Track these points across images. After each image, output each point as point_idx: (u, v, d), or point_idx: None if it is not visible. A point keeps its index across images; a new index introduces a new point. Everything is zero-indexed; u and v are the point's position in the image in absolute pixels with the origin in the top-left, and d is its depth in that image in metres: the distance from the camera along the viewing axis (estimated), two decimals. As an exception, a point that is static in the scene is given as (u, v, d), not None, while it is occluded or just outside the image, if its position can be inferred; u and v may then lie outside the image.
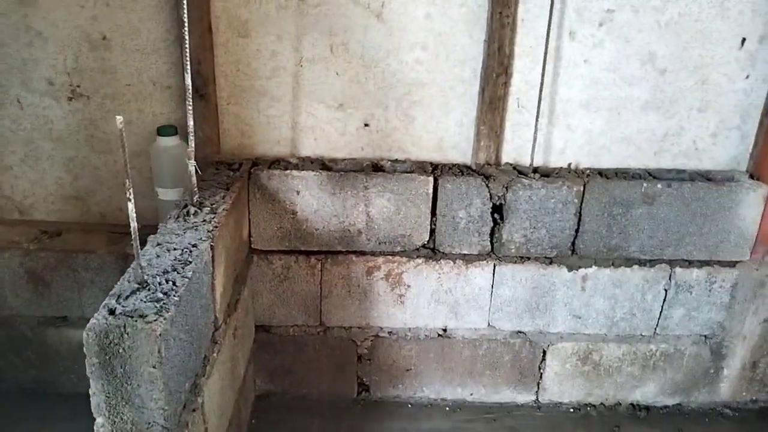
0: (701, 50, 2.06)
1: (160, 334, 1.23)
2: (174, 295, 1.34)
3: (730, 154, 2.20)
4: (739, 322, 2.27)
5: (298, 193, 2.07)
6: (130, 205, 1.25)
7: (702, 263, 2.21)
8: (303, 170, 2.07)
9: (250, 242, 2.14)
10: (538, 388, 2.41)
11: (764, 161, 2.11)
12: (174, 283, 1.39)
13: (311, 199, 2.09)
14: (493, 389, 2.41)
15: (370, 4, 2.00)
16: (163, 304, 1.30)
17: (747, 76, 2.10)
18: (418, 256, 2.20)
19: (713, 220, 2.12)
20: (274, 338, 2.31)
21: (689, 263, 2.20)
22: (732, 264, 2.21)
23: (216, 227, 1.66)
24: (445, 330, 2.32)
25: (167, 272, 1.43)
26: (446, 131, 2.17)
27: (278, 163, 2.13)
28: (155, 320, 1.24)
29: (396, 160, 2.20)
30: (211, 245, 1.60)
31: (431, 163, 2.19)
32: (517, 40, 2.03)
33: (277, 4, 1.99)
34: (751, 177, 2.16)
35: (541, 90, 2.08)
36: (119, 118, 1.16)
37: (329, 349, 2.34)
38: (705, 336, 2.33)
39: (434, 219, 2.13)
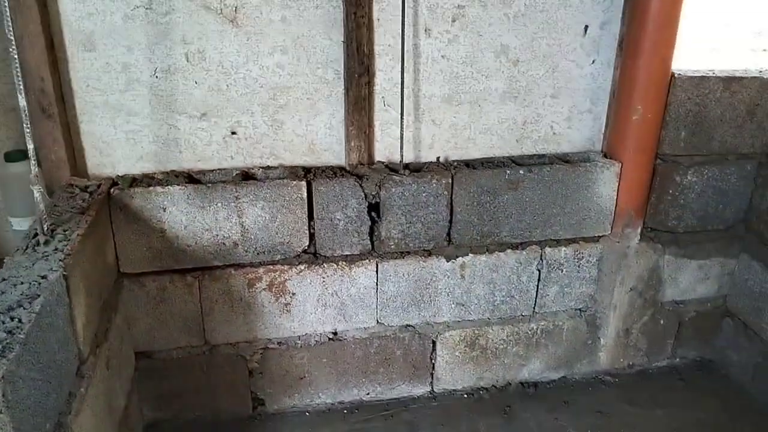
0: (549, 39, 2.17)
1: (2, 377, 1.13)
2: (20, 334, 1.24)
3: (585, 136, 2.33)
4: (609, 293, 2.41)
5: (164, 210, 1.99)
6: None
7: (569, 241, 2.33)
8: (167, 185, 1.99)
9: (118, 266, 2.03)
10: (432, 378, 2.45)
11: (615, 140, 2.25)
12: (20, 320, 1.28)
13: (180, 215, 2.01)
14: (388, 386, 2.43)
15: (223, 9, 1.95)
16: (7, 344, 1.20)
17: (593, 61, 2.23)
18: (299, 262, 2.17)
19: (574, 199, 2.24)
20: (157, 363, 2.21)
21: (557, 242, 2.32)
22: (596, 239, 2.35)
23: (69, 255, 1.55)
24: (335, 333, 2.31)
25: (12, 309, 1.32)
26: (316, 134, 2.16)
27: (140, 180, 2.03)
28: (-4, 363, 1.14)
29: (268, 166, 2.16)
30: (64, 275, 1.49)
31: (304, 168, 2.17)
32: (375, 40, 2.05)
33: (124, 14, 1.89)
34: (605, 156, 2.30)
35: (403, 87, 2.11)
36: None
37: (218, 367, 2.26)
38: (579, 309, 2.47)
39: (312, 223, 2.12)
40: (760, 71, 2.24)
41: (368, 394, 2.43)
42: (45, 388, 1.35)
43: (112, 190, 1.96)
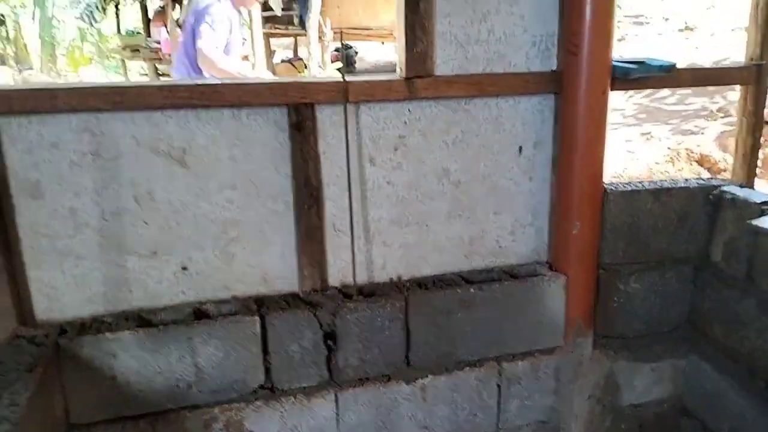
0: (486, 161, 2.28)
1: None
2: None
3: (530, 248, 2.42)
4: (569, 402, 2.42)
5: (115, 356, 1.93)
6: None
7: (525, 354, 2.36)
8: (117, 331, 1.94)
9: (68, 418, 1.94)
10: (400, 506, 2.37)
11: (559, 252, 2.35)
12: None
13: (131, 360, 1.95)
14: None
15: (171, 152, 1.99)
16: None
17: (530, 179, 2.35)
18: (256, 398, 2.12)
19: (526, 313, 2.29)
20: None
21: (513, 356, 2.34)
22: (551, 350, 2.39)
23: (17, 424, 1.48)
24: (297, 468, 2.23)
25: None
26: (269, 264, 2.17)
27: (90, 326, 1.98)
28: None
29: (221, 300, 2.15)
30: (9, 447, 1.42)
31: (258, 299, 2.16)
32: (323, 171, 2.12)
33: (70, 161, 1.91)
34: (551, 267, 2.38)
35: (352, 213, 2.17)
36: None
37: None
38: (543, 422, 2.46)
39: (267, 357, 2.09)
40: (686, 181, 2.41)
41: None
42: None
43: (59, 339, 1.90)
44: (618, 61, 2.21)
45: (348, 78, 2.04)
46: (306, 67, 10.26)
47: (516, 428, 2.43)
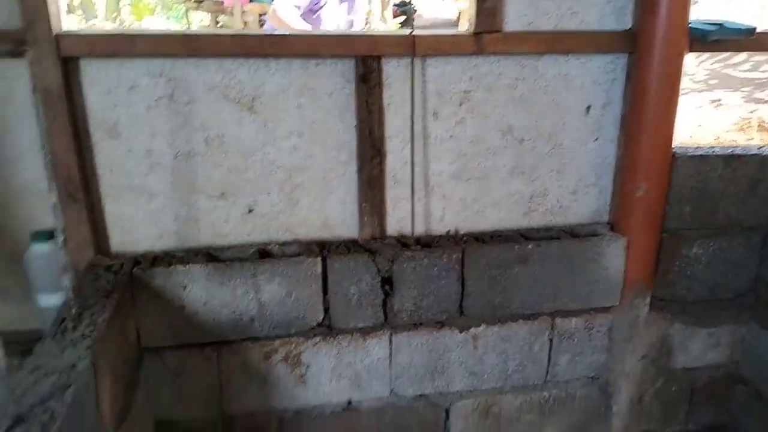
0: (553, 119, 2.25)
1: (34, 476, 1.19)
2: (53, 428, 1.31)
3: (592, 209, 2.39)
4: (620, 361, 2.43)
5: (184, 288, 2.06)
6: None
7: (579, 312, 2.37)
8: (188, 264, 2.07)
9: (140, 342, 2.10)
10: (446, 447, 2.47)
11: (621, 214, 2.31)
12: (53, 413, 1.35)
13: (199, 292, 2.08)
14: (402, 455, 2.45)
15: (241, 99, 2.05)
16: (39, 440, 1.26)
17: (596, 139, 2.31)
18: (314, 335, 2.23)
19: (583, 272, 2.29)
20: (176, 435, 2.26)
21: (567, 313, 2.36)
22: (606, 309, 2.39)
23: (96, 341, 1.62)
24: (350, 403, 2.35)
25: (44, 401, 1.38)
26: (331, 210, 2.24)
27: (162, 259, 2.11)
28: (29, 463, 1.20)
29: (284, 242, 2.24)
30: (92, 362, 1.56)
31: (319, 243, 2.24)
32: (386, 123, 2.15)
33: (147, 104, 2.01)
34: (612, 228, 2.36)
35: (413, 166, 2.19)
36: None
37: (234, 437, 2.30)
38: (592, 377, 2.49)
39: (327, 297, 2.18)
40: (759, 149, 2.30)
41: (382, 463, 2.45)
42: (71, 479, 1.40)
43: (134, 270, 2.04)
44: (695, 23, 2.11)
45: (415, 32, 2.03)
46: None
47: (564, 382, 2.47)
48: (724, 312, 2.47)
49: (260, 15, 7.70)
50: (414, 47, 2.03)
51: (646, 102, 2.10)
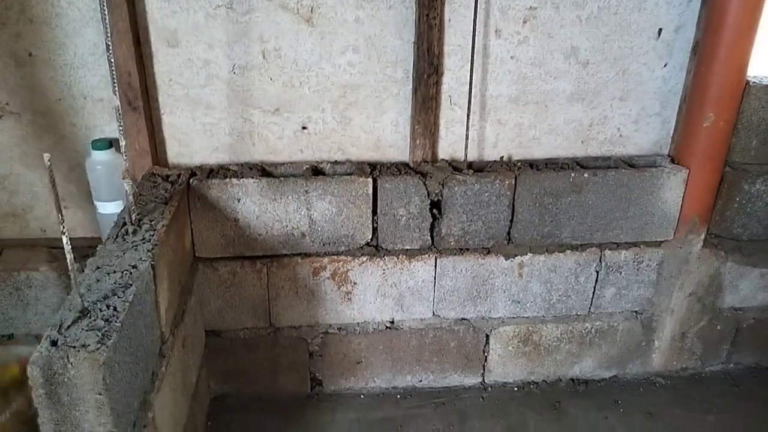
0: (621, 42, 2.15)
1: (103, 363, 1.26)
2: (116, 322, 1.36)
3: (653, 139, 2.32)
4: (667, 297, 2.41)
5: (238, 200, 2.10)
6: (65, 239, 1.26)
7: (629, 245, 2.33)
8: (242, 178, 2.09)
9: (194, 251, 2.16)
10: (484, 370, 2.52)
11: (684, 145, 2.23)
12: (115, 309, 1.41)
13: (252, 206, 2.11)
14: (440, 375, 2.51)
15: (300, 9, 2.01)
16: (105, 331, 1.32)
17: (665, 65, 2.21)
18: (362, 254, 2.25)
19: (638, 204, 2.24)
20: (225, 342, 2.35)
21: (617, 245, 2.33)
22: (657, 244, 2.35)
23: (156, 245, 1.67)
24: (392, 322, 2.40)
25: (107, 297, 1.44)
26: (383, 131, 2.22)
27: (217, 172, 2.14)
28: (97, 349, 1.26)
29: (336, 161, 2.24)
30: (152, 264, 1.61)
31: (370, 164, 2.23)
32: (445, 40, 2.08)
33: (206, 13, 1.98)
34: (672, 161, 2.28)
35: (470, 87, 2.14)
36: (46, 156, 1.16)
37: (280, 348, 2.39)
38: (636, 312, 2.48)
39: (376, 218, 2.19)
40: (841, 82, 2.17)
41: (421, 381, 2.52)
42: (134, 370, 1.48)
43: (191, 180, 2.07)
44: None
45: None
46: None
47: (607, 314, 2.47)
48: (780, 253, 2.41)
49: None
50: (482, -42, 1.94)
51: (723, 25, 1.99)
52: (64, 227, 1.24)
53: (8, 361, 2.21)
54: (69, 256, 1.30)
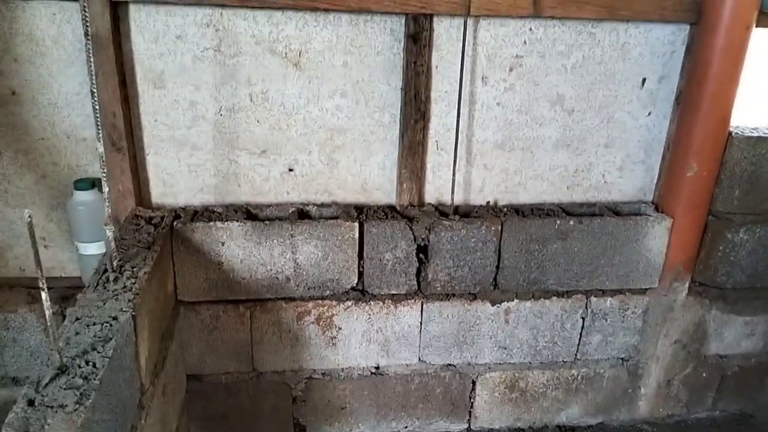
0: (605, 90, 2.18)
1: (81, 425, 1.21)
2: (94, 380, 1.31)
3: (637, 186, 2.34)
4: (652, 344, 2.41)
5: (223, 244, 2.06)
6: (44, 295, 1.23)
7: (615, 292, 2.33)
8: (227, 221, 2.06)
9: (176, 294, 2.11)
10: (470, 416, 2.48)
11: (668, 193, 2.25)
12: (94, 365, 1.36)
13: (237, 250, 2.08)
14: (426, 420, 2.47)
15: (288, 53, 2.01)
16: (84, 390, 1.27)
17: (649, 114, 2.24)
18: (347, 299, 2.22)
19: (623, 251, 2.24)
20: (207, 387, 2.29)
21: (603, 292, 2.33)
22: (642, 291, 2.35)
23: (137, 294, 1.63)
24: (377, 367, 2.36)
25: (87, 352, 1.39)
26: (369, 174, 2.21)
27: (202, 214, 2.11)
28: (75, 410, 1.22)
29: (322, 203, 2.22)
30: (133, 315, 1.57)
31: (356, 206, 2.22)
32: (432, 86, 2.10)
33: (193, 55, 1.98)
34: (657, 209, 2.30)
35: (457, 132, 2.15)
36: (27, 212, 1.13)
37: (263, 393, 2.33)
38: (622, 359, 2.47)
39: (362, 262, 2.17)
40: (822, 134, 2.22)
41: (406, 427, 2.47)
42: (113, 427, 1.42)
43: (175, 223, 2.04)
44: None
45: (473, -10, 1.96)
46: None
47: (594, 361, 2.45)
48: (762, 301, 2.42)
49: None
50: (470, 6, 1.96)
51: (707, 76, 2.02)
52: (43, 283, 1.20)
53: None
54: (48, 312, 1.25)
